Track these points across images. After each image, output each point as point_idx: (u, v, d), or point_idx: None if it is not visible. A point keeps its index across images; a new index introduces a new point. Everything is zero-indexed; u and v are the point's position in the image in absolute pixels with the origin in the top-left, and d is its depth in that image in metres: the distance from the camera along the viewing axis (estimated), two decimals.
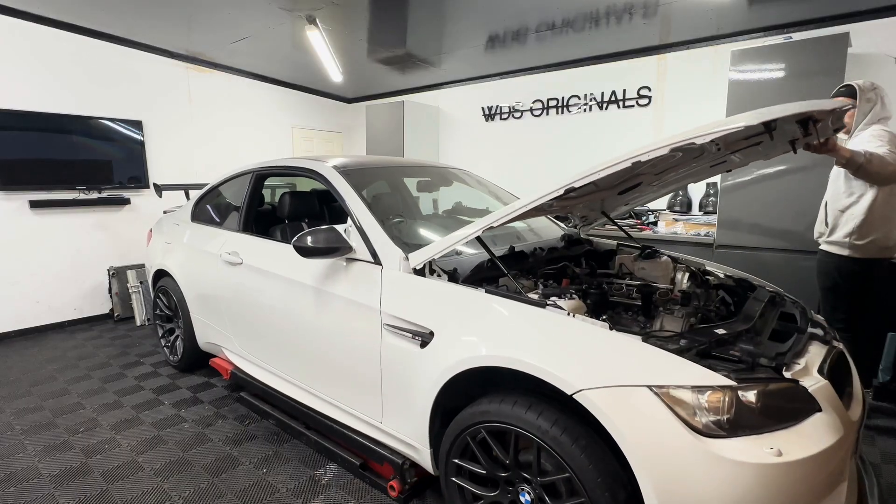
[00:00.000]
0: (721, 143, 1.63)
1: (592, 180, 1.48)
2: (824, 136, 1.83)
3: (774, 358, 1.39)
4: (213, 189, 3.27)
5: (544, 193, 1.56)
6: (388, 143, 5.68)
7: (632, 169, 1.46)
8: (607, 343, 1.39)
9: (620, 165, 1.42)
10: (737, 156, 1.94)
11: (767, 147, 1.85)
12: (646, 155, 1.39)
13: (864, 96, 2.44)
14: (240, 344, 2.75)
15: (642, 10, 3.56)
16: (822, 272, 2.68)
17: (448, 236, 1.78)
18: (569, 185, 1.50)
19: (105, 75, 4.52)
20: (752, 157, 2.06)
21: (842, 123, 1.80)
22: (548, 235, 2.71)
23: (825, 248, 2.65)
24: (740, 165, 2.17)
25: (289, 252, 2.15)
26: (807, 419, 1.28)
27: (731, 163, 2.08)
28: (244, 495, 2.10)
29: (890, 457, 2.41)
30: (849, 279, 2.56)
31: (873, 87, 2.45)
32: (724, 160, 1.97)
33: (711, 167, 2.09)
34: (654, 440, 1.23)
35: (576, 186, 1.50)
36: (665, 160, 1.60)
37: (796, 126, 1.60)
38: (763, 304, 1.82)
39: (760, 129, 1.38)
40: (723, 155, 1.84)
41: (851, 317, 2.63)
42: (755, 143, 1.72)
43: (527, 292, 1.72)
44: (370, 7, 3.70)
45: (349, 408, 2.09)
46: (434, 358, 1.65)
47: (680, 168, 1.95)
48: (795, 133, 1.70)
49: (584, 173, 1.48)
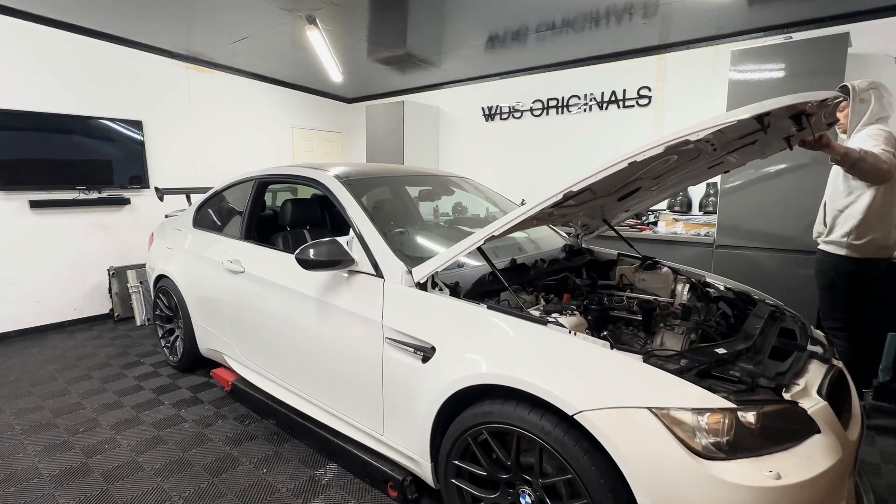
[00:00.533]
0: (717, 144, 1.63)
1: (590, 183, 1.47)
2: (818, 130, 1.83)
3: (774, 378, 1.39)
4: (216, 195, 3.27)
5: (543, 200, 1.55)
6: (387, 143, 5.68)
7: (629, 172, 1.46)
8: (608, 363, 1.39)
9: (617, 167, 1.42)
10: (733, 156, 1.94)
11: (763, 145, 1.85)
12: (641, 155, 1.39)
13: (857, 97, 2.44)
14: (241, 352, 2.75)
15: (642, 10, 3.56)
16: (821, 271, 2.69)
17: (450, 249, 1.77)
18: (567, 190, 1.51)
19: (105, 75, 4.52)
20: (749, 157, 2.06)
21: (835, 118, 1.80)
22: (549, 246, 2.70)
23: (823, 248, 2.66)
24: (738, 166, 2.17)
25: (291, 262, 2.14)
26: (806, 441, 1.28)
27: (729, 163, 2.08)
28: (244, 495, 2.10)
29: (890, 457, 2.41)
30: (846, 278, 2.56)
31: (869, 87, 2.44)
32: (720, 161, 1.97)
33: (709, 169, 2.09)
34: (654, 462, 1.24)
35: (574, 191, 1.50)
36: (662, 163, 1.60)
37: (790, 121, 1.61)
38: (763, 320, 1.82)
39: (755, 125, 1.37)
40: (719, 156, 1.84)
41: (850, 316, 2.63)
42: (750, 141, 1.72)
43: (528, 307, 1.72)
44: (370, 7, 3.70)
45: (350, 419, 2.09)
46: (436, 373, 1.65)
47: (678, 171, 1.95)
48: (790, 129, 1.70)
49: (582, 177, 1.48)
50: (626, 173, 1.47)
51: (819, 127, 1.80)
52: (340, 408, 2.14)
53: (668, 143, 1.36)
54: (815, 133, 1.85)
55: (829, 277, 2.63)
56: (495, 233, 1.67)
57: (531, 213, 1.59)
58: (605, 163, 1.45)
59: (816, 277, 2.73)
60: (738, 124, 1.34)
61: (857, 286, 2.56)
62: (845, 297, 2.61)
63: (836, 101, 1.64)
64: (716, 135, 1.37)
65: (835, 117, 1.80)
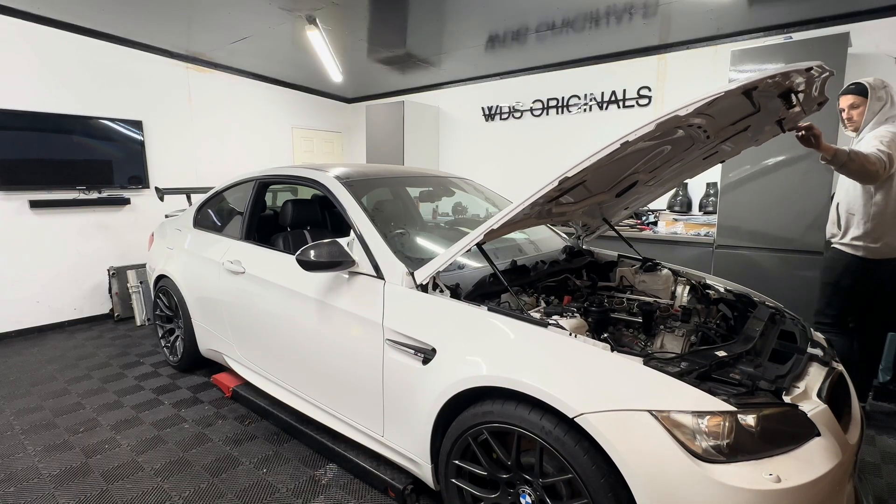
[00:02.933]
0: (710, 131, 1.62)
1: (586, 166, 1.47)
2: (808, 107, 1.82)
3: (774, 381, 1.39)
4: (216, 195, 3.27)
5: (539, 188, 1.56)
6: (387, 143, 5.68)
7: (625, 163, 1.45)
8: (609, 365, 1.40)
9: (611, 147, 1.42)
10: (727, 144, 1.94)
11: (756, 131, 1.85)
12: (633, 134, 1.39)
13: (874, 94, 2.42)
14: (241, 353, 2.75)
15: (642, 10, 3.56)
16: (829, 268, 2.68)
17: (449, 248, 1.77)
18: (562, 176, 1.51)
19: (105, 75, 4.52)
20: (743, 145, 2.06)
21: (825, 97, 1.80)
22: (549, 247, 2.70)
23: (837, 248, 2.63)
24: (732, 155, 2.17)
25: (291, 263, 2.14)
26: (806, 444, 1.29)
27: (723, 153, 2.07)
28: (244, 495, 2.10)
29: (890, 457, 2.41)
30: (853, 277, 2.55)
31: (884, 86, 2.43)
32: (715, 150, 1.97)
33: (704, 160, 2.09)
34: (654, 465, 1.24)
35: (569, 176, 1.50)
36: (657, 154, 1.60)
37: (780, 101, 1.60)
38: (763, 322, 1.82)
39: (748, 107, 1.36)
40: (713, 144, 1.83)
41: (841, 315, 2.63)
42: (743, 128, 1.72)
43: (529, 309, 1.72)
44: (370, 7, 3.70)
45: (351, 420, 2.10)
46: (436, 375, 1.66)
47: (672, 162, 1.95)
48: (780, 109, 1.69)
49: (577, 162, 1.48)
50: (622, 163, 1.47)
51: (809, 104, 1.79)
52: (341, 409, 2.14)
53: (658, 121, 1.36)
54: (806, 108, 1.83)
55: (836, 273, 2.62)
56: (494, 226, 1.67)
57: (528, 203, 1.59)
58: (599, 146, 1.45)
59: (824, 273, 2.73)
60: (727, 96, 1.34)
61: (864, 286, 2.55)
62: (845, 296, 2.60)
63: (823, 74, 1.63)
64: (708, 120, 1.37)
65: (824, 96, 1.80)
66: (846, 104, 2.54)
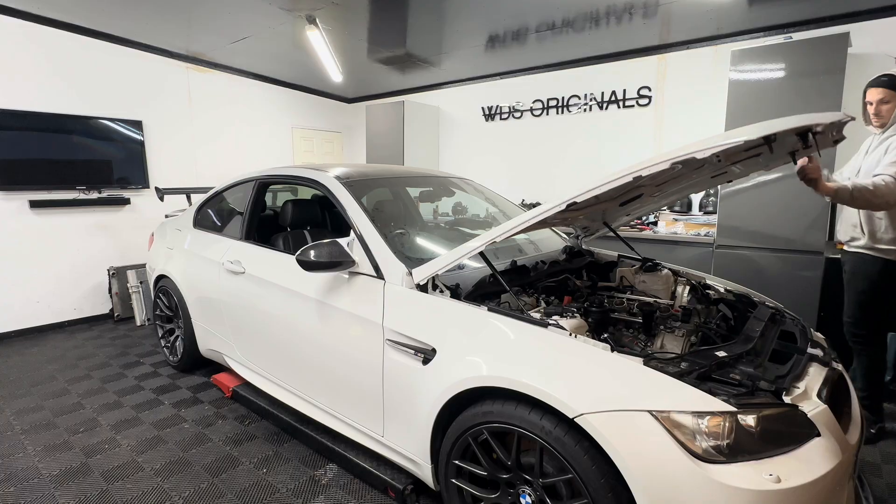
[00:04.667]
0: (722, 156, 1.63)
1: (594, 195, 1.48)
2: (824, 147, 1.82)
3: (774, 381, 1.39)
4: (216, 195, 3.26)
5: (547, 208, 1.56)
6: (388, 143, 5.68)
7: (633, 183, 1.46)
8: (609, 366, 1.40)
9: (622, 180, 1.43)
10: (737, 167, 1.94)
11: (768, 158, 1.85)
12: (647, 170, 1.39)
13: None
14: (241, 353, 2.75)
15: (642, 10, 3.56)
16: (860, 274, 2.47)
17: (451, 252, 1.77)
18: (570, 200, 1.51)
19: (105, 75, 4.52)
20: (753, 168, 2.06)
21: (842, 136, 1.78)
22: (549, 248, 2.70)
23: (863, 252, 2.45)
24: (741, 176, 2.17)
25: (291, 263, 2.14)
26: (805, 444, 1.28)
27: (732, 174, 2.08)
28: (244, 495, 2.10)
29: (890, 457, 2.41)
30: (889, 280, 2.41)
31: None
32: (724, 171, 1.97)
33: (712, 178, 2.09)
34: (654, 465, 1.24)
35: (578, 201, 1.51)
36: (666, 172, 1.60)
37: (796, 138, 1.60)
38: (763, 323, 1.82)
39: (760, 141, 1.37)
40: (724, 166, 1.84)
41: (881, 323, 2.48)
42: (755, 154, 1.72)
43: (529, 309, 1.72)
44: (370, 7, 3.70)
45: (351, 420, 2.10)
46: (436, 375, 1.66)
47: (681, 180, 1.95)
48: (795, 144, 1.70)
49: (586, 188, 1.49)
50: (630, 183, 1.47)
51: (825, 144, 1.80)
52: (341, 409, 2.14)
53: (674, 160, 1.36)
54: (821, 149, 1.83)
55: (869, 281, 2.43)
56: (497, 238, 1.68)
57: (534, 222, 1.59)
58: (610, 175, 1.45)
59: (852, 281, 2.52)
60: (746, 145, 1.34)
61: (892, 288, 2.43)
62: (885, 300, 2.45)
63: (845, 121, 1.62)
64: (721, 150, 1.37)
65: (842, 135, 1.79)
66: (875, 98, 2.35)
